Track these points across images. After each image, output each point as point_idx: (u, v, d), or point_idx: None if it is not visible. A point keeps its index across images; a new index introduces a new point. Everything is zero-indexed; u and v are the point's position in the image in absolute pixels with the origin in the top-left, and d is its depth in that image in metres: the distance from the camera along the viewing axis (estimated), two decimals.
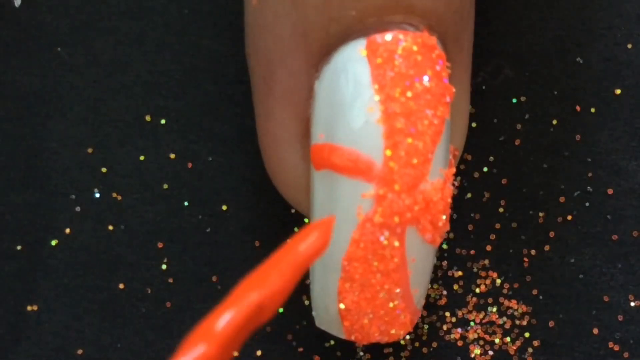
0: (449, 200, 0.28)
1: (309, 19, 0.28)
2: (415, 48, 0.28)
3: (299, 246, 0.25)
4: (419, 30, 0.28)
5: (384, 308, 0.29)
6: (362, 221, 0.28)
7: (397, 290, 0.29)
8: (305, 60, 0.28)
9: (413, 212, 0.28)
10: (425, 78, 0.28)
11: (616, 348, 0.32)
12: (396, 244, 0.28)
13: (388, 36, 0.28)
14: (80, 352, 0.33)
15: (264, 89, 0.29)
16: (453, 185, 0.29)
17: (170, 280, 0.33)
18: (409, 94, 0.27)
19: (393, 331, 0.29)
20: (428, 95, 0.28)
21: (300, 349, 0.33)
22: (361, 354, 0.33)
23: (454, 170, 0.29)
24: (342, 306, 0.29)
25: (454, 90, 0.28)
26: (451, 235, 0.33)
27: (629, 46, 0.32)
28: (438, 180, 0.28)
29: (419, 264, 0.29)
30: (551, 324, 0.33)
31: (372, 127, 0.27)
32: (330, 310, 0.29)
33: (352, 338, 0.30)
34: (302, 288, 0.31)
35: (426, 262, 0.29)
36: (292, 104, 0.29)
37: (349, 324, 0.29)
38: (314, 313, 0.30)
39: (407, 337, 0.33)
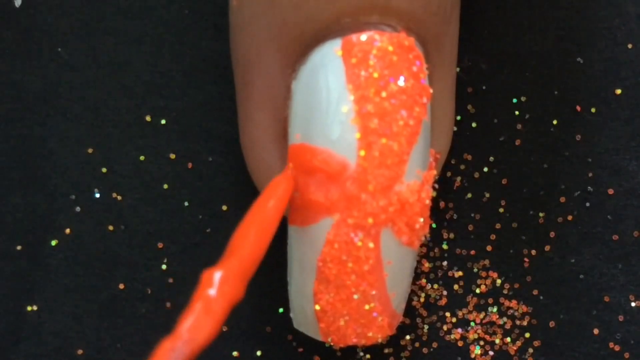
0: (427, 202, 0.28)
1: (285, 19, 0.28)
2: (390, 48, 0.27)
3: (268, 203, 0.27)
4: (397, 31, 0.28)
5: (360, 310, 0.29)
6: (336, 222, 0.28)
7: (373, 292, 0.28)
8: (281, 59, 0.28)
9: (388, 214, 0.28)
10: (401, 79, 0.27)
11: (617, 348, 0.32)
12: (371, 245, 0.28)
13: (363, 36, 0.28)
14: (80, 352, 0.33)
15: (242, 89, 0.29)
16: (433, 188, 0.29)
17: (170, 280, 0.33)
18: (384, 94, 0.27)
19: (370, 334, 0.29)
20: (403, 95, 0.27)
21: (301, 349, 0.33)
22: (361, 354, 0.33)
23: (434, 172, 0.29)
24: (317, 307, 0.29)
25: (431, 91, 0.28)
26: (451, 235, 0.33)
27: (629, 46, 0.32)
28: (415, 182, 0.28)
29: (396, 266, 0.28)
30: (551, 324, 0.33)
31: (346, 127, 0.27)
32: (307, 312, 0.29)
33: (329, 340, 0.30)
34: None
35: (404, 265, 0.29)
36: (269, 104, 0.29)
37: (325, 325, 0.29)
38: (291, 314, 0.30)
39: (407, 337, 0.33)
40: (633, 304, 0.32)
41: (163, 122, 0.33)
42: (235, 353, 0.33)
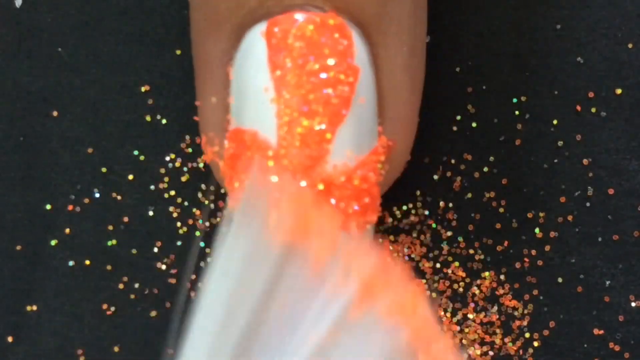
0: (365, 186, 0.28)
1: (217, 7, 0.28)
2: (310, 27, 0.28)
3: None
4: (324, 11, 0.28)
5: None
6: None
7: None
8: (217, 47, 0.29)
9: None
10: (323, 58, 0.27)
11: (617, 348, 0.32)
12: None
13: (283, 17, 0.28)
14: (80, 352, 0.33)
15: (196, 79, 0.30)
16: (379, 173, 0.29)
17: (170, 280, 0.33)
18: (303, 73, 0.27)
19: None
20: (324, 74, 0.27)
21: None
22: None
23: (378, 158, 0.28)
24: None
25: (359, 70, 0.28)
26: (451, 235, 0.33)
27: (630, 46, 0.32)
28: (344, 163, 0.28)
29: None
30: (551, 324, 0.33)
31: (266, 107, 0.27)
32: None
33: None
34: None
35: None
36: (213, 92, 0.29)
37: None
38: None
39: None
40: (633, 304, 0.32)
41: (164, 122, 0.33)
42: None
